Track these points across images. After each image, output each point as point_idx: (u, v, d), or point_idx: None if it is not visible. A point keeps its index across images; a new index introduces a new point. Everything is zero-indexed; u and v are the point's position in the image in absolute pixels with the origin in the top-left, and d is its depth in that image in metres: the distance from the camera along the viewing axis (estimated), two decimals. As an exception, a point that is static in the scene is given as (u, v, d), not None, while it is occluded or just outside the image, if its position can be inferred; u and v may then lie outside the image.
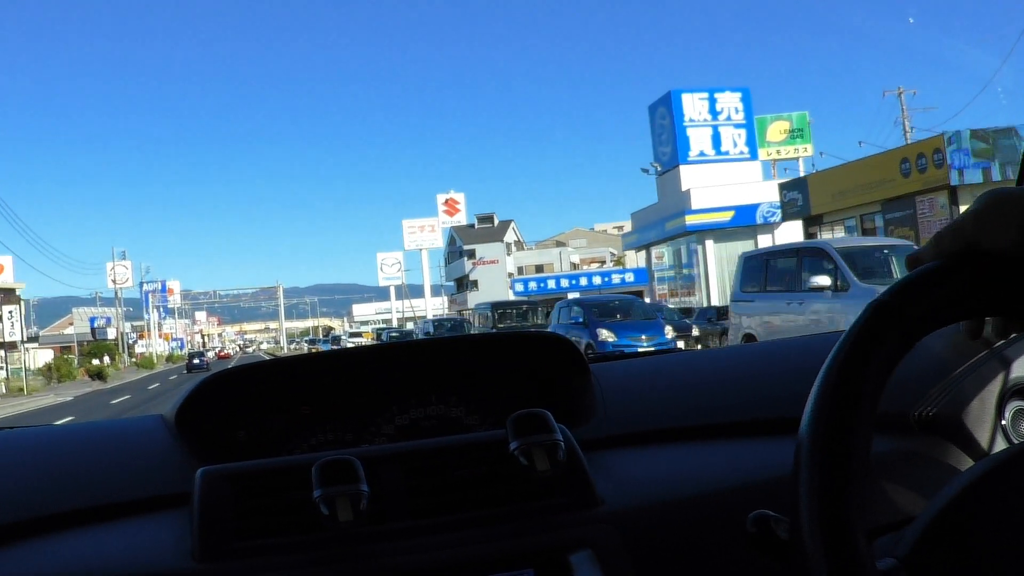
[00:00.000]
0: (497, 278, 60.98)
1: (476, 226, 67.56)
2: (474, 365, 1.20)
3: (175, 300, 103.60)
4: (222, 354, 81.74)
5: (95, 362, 53.08)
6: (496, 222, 68.25)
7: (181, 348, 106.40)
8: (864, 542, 0.52)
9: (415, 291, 75.46)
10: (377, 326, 74.45)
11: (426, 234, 70.91)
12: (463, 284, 67.56)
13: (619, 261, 60.31)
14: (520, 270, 61.01)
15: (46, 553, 0.86)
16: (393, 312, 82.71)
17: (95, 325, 79.19)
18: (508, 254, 63.25)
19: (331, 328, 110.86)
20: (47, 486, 0.97)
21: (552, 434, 0.87)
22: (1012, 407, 1.06)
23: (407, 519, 0.87)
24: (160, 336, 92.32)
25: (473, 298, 59.43)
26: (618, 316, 16.34)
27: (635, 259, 64.26)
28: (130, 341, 74.26)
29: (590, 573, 0.83)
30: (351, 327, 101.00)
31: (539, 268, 59.29)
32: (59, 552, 0.86)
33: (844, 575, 0.51)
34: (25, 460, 1.03)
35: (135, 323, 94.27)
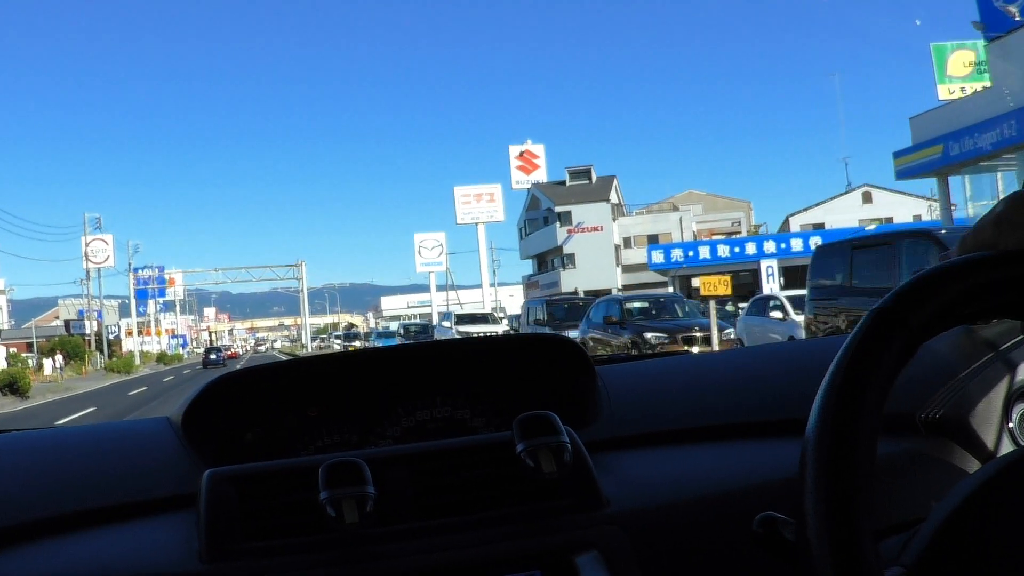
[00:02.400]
0: (600, 250, 45.32)
1: (568, 183, 50.40)
2: (480, 367, 1.20)
3: (177, 292, 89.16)
4: (230, 353, 67.73)
5: (46, 362, 38.50)
6: (594, 178, 50.16)
7: (184, 346, 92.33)
8: (871, 544, 0.52)
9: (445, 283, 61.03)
10: (407, 321, 59.57)
11: (484, 204, 56.18)
12: (546, 262, 51.73)
13: (753, 231, 45.08)
14: (627, 241, 45.73)
15: (54, 554, 0.86)
16: (433, 306, 67.44)
17: (83, 317, 65.71)
18: (613, 219, 46.87)
19: (353, 324, 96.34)
20: (55, 488, 0.97)
21: (558, 436, 0.87)
22: (1020, 409, 1.06)
23: (413, 521, 0.87)
24: (154, 332, 77.86)
25: (569, 279, 44.37)
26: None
27: (759, 224, 48.68)
28: (111, 336, 59.84)
29: (596, 574, 0.83)
30: (376, 323, 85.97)
31: (652, 238, 44.26)
32: (67, 553, 0.86)
33: None
34: (33, 462, 1.04)
35: (138, 318, 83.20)
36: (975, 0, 19.14)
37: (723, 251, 32.89)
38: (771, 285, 28.66)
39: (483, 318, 29.58)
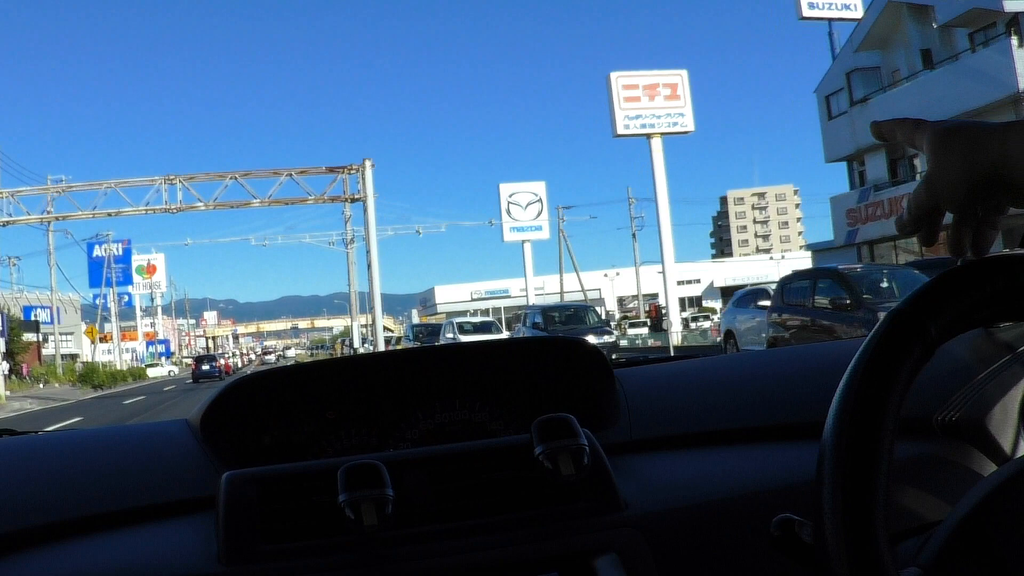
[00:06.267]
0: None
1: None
2: (499, 370, 1.21)
3: (157, 283, 65.17)
4: (225, 365, 46.89)
5: None
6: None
7: (165, 355, 68.73)
8: (887, 546, 0.53)
9: (541, 263, 36.21)
10: (469, 319, 34.37)
11: (661, 104, 33.18)
12: (908, 161, 26.92)
13: None
14: None
15: (73, 557, 0.87)
16: (529, 290, 42.61)
17: (30, 318, 48.78)
18: None
19: (385, 328, 72.05)
20: (74, 490, 0.98)
21: (577, 439, 0.87)
22: None
23: (432, 523, 0.88)
24: (117, 335, 54.46)
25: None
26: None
27: None
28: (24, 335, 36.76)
29: None
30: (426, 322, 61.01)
31: None
32: (86, 556, 0.87)
33: None
34: (52, 464, 1.05)
35: (126, 323, 64.45)
36: None
37: None
38: None
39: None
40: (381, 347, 31.09)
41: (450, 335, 23.88)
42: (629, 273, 50.04)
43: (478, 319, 27.84)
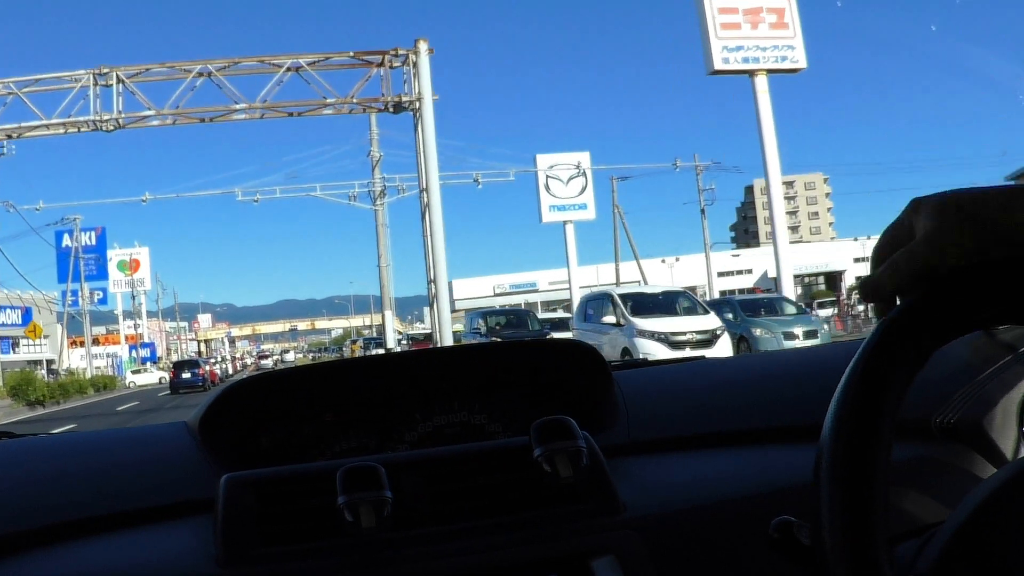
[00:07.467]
0: None
1: None
2: (497, 372, 1.22)
3: (140, 279, 58.17)
4: (212, 372, 40.19)
5: None
6: None
7: (150, 360, 61.85)
8: (886, 549, 0.53)
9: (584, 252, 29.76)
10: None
11: (765, 32, 25.78)
12: None
13: None
14: None
15: (72, 559, 0.87)
16: (572, 280, 36.03)
17: None
18: None
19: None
20: (73, 492, 0.98)
21: (575, 441, 0.88)
22: None
23: (430, 525, 0.88)
24: (88, 338, 47.76)
25: None
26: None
27: None
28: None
29: None
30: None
31: None
32: (84, 558, 0.87)
33: None
34: (51, 467, 1.05)
35: (111, 325, 63.61)
36: None
37: None
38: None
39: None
40: (449, 342, 23.40)
41: (609, 319, 14.80)
42: (689, 261, 42.51)
43: (658, 289, 18.53)
